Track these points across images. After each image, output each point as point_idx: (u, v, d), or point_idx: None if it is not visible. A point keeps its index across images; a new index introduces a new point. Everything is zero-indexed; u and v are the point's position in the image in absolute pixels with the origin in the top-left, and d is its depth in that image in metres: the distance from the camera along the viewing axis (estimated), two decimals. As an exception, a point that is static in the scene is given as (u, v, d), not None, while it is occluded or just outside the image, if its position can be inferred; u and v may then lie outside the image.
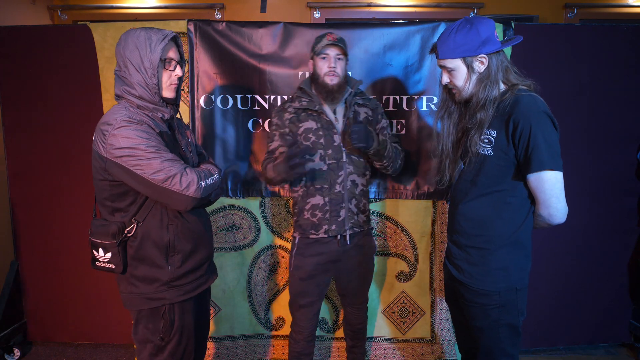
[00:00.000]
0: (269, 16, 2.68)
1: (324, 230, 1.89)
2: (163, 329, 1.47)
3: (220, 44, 2.22)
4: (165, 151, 1.38)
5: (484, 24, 1.42)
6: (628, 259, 2.54)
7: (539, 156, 1.34)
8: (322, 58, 1.85)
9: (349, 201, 1.89)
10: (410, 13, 3.39)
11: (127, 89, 1.41)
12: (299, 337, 2.01)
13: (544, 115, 1.36)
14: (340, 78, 1.86)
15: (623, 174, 2.45)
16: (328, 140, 1.87)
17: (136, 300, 1.47)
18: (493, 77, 1.43)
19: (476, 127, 1.45)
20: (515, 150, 1.39)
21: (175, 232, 1.46)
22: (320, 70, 1.86)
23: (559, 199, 1.38)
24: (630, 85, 2.37)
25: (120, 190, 1.40)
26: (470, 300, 1.53)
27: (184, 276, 1.50)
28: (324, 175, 1.87)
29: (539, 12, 3.38)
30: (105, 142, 1.33)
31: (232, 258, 2.39)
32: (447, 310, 2.40)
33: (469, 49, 1.41)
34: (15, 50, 2.35)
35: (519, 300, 1.49)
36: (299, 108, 1.90)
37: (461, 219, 1.54)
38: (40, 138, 2.43)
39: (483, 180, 1.47)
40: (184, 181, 1.36)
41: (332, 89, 1.84)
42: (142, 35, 1.39)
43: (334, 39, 1.83)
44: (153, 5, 3.40)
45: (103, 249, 1.42)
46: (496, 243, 1.47)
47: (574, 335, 2.59)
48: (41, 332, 2.63)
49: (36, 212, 2.50)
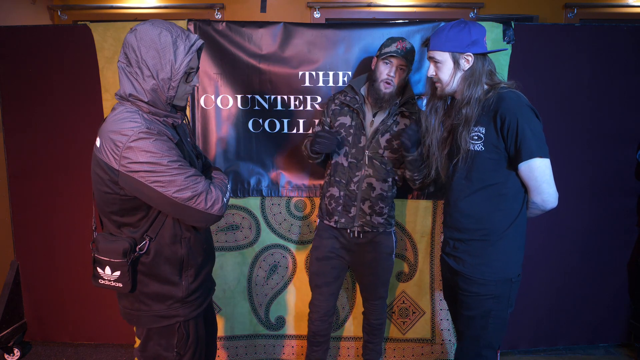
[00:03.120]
0: (269, 16, 2.68)
1: (334, 220, 2.00)
2: (178, 344, 1.37)
3: (220, 44, 2.22)
4: (187, 165, 1.26)
5: (477, 27, 1.53)
6: (628, 258, 2.54)
7: (528, 146, 1.43)
8: (385, 63, 1.86)
9: (362, 202, 1.95)
10: (410, 13, 3.39)
11: (136, 95, 1.25)
12: (314, 316, 2.09)
13: (527, 109, 1.46)
14: (395, 88, 1.88)
15: (623, 174, 2.45)
16: (355, 139, 1.94)
17: (145, 318, 1.36)
18: (477, 77, 1.52)
19: (463, 124, 1.53)
20: (505, 143, 1.48)
21: (188, 246, 1.36)
22: (380, 74, 1.87)
23: (550, 184, 1.47)
24: (630, 85, 2.37)
25: (131, 204, 1.26)
26: (465, 290, 1.60)
27: (197, 291, 1.41)
28: (344, 170, 1.96)
29: (539, 12, 3.38)
30: (119, 155, 1.18)
31: (233, 258, 2.39)
32: (447, 310, 2.39)
33: (458, 45, 1.51)
34: (15, 50, 2.35)
35: (511, 292, 1.57)
36: (343, 102, 1.97)
37: (460, 216, 1.61)
38: (40, 138, 2.43)
39: (476, 175, 1.54)
40: (209, 199, 1.27)
41: (383, 97, 1.88)
42: (168, 39, 1.21)
43: (402, 48, 1.83)
44: (153, 5, 3.40)
45: (111, 267, 1.28)
46: (496, 234, 1.55)
47: (574, 335, 2.59)
48: (41, 332, 2.63)
49: (36, 212, 2.50)
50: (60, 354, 2.58)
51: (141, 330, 1.40)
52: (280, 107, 2.29)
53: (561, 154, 2.31)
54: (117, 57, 2.24)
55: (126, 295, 1.36)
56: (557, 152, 1.98)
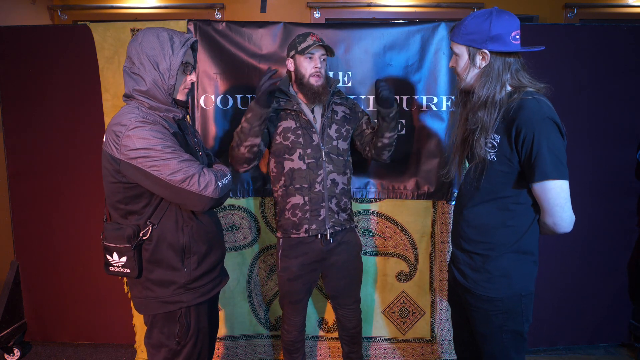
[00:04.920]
0: (269, 16, 2.68)
1: (304, 229, 1.89)
2: (179, 333, 1.45)
3: (220, 44, 2.22)
4: (181, 151, 1.36)
5: (502, 20, 1.35)
6: (628, 259, 2.54)
7: (542, 165, 1.28)
8: (307, 58, 1.84)
9: (329, 200, 1.90)
10: (410, 13, 3.39)
11: (139, 88, 1.37)
12: (291, 328, 2.07)
13: (548, 122, 1.29)
14: (324, 79, 1.87)
15: (623, 174, 2.45)
16: (307, 139, 1.88)
17: (152, 304, 1.44)
18: (495, 76, 1.37)
19: (480, 129, 1.39)
20: (518, 157, 1.34)
21: (190, 234, 1.44)
22: (305, 70, 1.85)
23: (564, 209, 1.32)
24: (630, 85, 2.37)
25: (134, 192, 1.37)
26: (474, 306, 1.50)
27: (200, 278, 1.48)
28: (303, 174, 1.88)
29: (539, 12, 3.38)
30: (119, 144, 1.30)
31: (232, 258, 2.39)
32: (447, 310, 2.40)
33: (475, 40, 1.37)
34: (15, 50, 2.35)
35: (523, 307, 1.45)
36: (277, 108, 1.90)
37: (465, 225, 1.51)
38: (40, 138, 2.43)
39: (486, 186, 1.42)
40: (202, 181, 1.34)
41: (318, 91, 1.85)
42: (165, 36, 1.37)
43: (318, 39, 1.83)
44: (153, 5, 3.40)
45: (118, 253, 1.39)
46: (498, 250, 1.43)
47: (574, 335, 2.59)
48: (41, 332, 2.63)
49: (36, 212, 2.50)
50: (60, 354, 2.58)
51: (148, 317, 1.48)
52: (280, 107, 2.29)
53: (561, 154, 2.31)
54: (117, 57, 2.26)
55: (135, 283, 1.46)
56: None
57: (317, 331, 2.48)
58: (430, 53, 2.23)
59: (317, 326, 2.48)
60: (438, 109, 2.27)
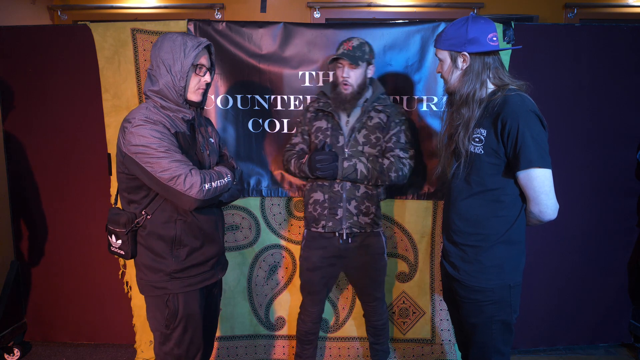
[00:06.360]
0: (269, 16, 2.68)
1: (322, 225, 1.97)
2: (167, 317, 1.55)
3: (220, 44, 2.22)
4: (176, 152, 1.46)
5: (478, 24, 1.49)
6: (628, 259, 2.54)
7: (527, 154, 1.37)
8: (338, 66, 1.91)
9: (348, 202, 1.93)
10: (410, 13, 3.39)
11: (153, 88, 1.50)
12: (307, 318, 2.12)
13: (531, 114, 1.40)
14: (354, 88, 1.90)
15: (623, 174, 2.45)
16: (333, 140, 1.95)
17: (145, 287, 1.58)
18: (474, 75, 1.49)
19: (462, 125, 1.50)
20: (504, 148, 1.43)
21: (182, 228, 1.54)
22: (337, 78, 1.93)
23: (549, 196, 1.41)
24: (630, 85, 2.37)
25: (135, 183, 1.50)
26: (465, 297, 1.57)
27: (187, 269, 1.57)
28: None
29: (539, 12, 3.39)
30: (125, 138, 1.44)
31: (233, 258, 2.38)
32: (447, 310, 2.40)
33: (454, 44, 1.50)
34: (15, 50, 2.35)
35: (512, 298, 1.53)
36: (318, 108, 2.00)
37: (456, 218, 1.58)
38: (40, 138, 2.43)
39: (475, 178, 1.51)
40: (187, 182, 1.43)
41: (345, 98, 1.91)
42: (179, 40, 1.48)
43: (348, 48, 1.86)
44: (153, 5, 3.40)
45: (115, 236, 1.54)
46: (490, 240, 1.51)
47: (574, 335, 2.59)
48: (41, 332, 2.63)
49: (36, 212, 2.50)
50: (60, 354, 2.58)
51: (147, 299, 1.62)
52: (280, 107, 2.29)
53: (561, 154, 2.31)
54: (117, 57, 2.27)
55: (137, 266, 1.60)
56: (557, 152, 1.98)
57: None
58: (431, 53, 2.23)
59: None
60: (438, 109, 2.27)
